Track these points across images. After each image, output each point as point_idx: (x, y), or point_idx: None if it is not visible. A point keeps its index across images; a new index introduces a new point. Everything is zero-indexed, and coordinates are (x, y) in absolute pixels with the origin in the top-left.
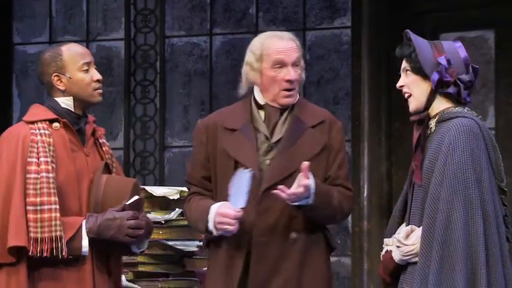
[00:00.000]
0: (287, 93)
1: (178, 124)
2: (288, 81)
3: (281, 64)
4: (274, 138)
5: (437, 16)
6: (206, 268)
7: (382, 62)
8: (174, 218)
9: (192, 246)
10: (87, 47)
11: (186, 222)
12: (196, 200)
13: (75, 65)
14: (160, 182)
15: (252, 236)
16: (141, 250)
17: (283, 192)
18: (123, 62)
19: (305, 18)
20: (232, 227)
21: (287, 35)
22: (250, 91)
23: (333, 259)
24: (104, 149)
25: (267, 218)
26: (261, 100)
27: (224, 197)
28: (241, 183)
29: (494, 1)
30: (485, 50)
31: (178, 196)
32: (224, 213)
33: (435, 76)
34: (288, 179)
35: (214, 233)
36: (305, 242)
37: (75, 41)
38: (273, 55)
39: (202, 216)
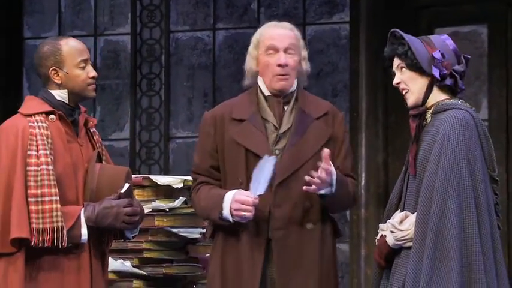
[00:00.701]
0: (279, 77)
1: (182, 115)
2: (279, 65)
3: (273, 49)
4: (283, 129)
5: (432, 11)
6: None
7: (379, 56)
8: (178, 206)
9: (195, 233)
10: (95, 41)
11: (189, 210)
12: (206, 189)
13: (73, 61)
14: (165, 172)
15: (270, 228)
16: (133, 235)
17: (311, 180)
18: (129, 56)
19: (305, 13)
20: (250, 213)
21: (285, 24)
22: (255, 82)
23: None
24: (95, 138)
25: (282, 209)
26: (266, 91)
27: (234, 186)
28: (263, 170)
29: None
30: (479, 44)
31: (182, 185)
32: (242, 200)
33: (435, 70)
34: (299, 171)
35: (230, 219)
36: (321, 232)
37: (83, 36)
38: (266, 41)
39: (216, 204)
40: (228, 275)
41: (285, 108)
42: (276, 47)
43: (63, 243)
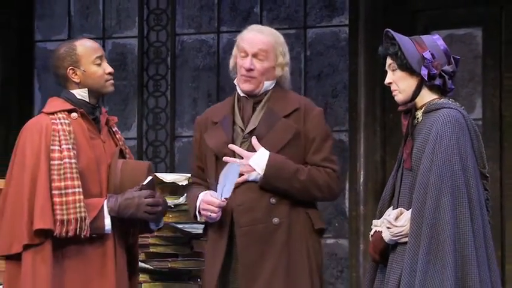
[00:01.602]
0: (244, 78)
1: (187, 115)
2: (244, 68)
3: (244, 53)
4: (248, 129)
5: (428, 15)
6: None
7: (378, 58)
8: (182, 202)
9: (199, 228)
10: (103, 44)
11: None
12: (192, 189)
13: (89, 59)
14: (171, 169)
15: (235, 226)
16: (158, 227)
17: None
18: (136, 58)
19: (306, 16)
20: (215, 215)
21: (265, 29)
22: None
23: (331, 241)
24: (117, 136)
25: (246, 207)
26: (240, 92)
27: (212, 187)
28: (229, 175)
29: (482, 1)
30: (473, 46)
31: (187, 182)
32: (209, 200)
33: (424, 71)
34: None
35: (198, 218)
36: (288, 226)
37: (91, 39)
38: (241, 43)
39: (192, 203)
40: (206, 269)
41: (256, 108)
42: (246, 51)
43: (86, 234)
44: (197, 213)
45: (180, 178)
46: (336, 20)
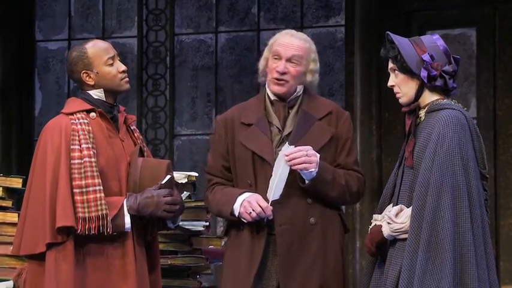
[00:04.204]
0: (275, 81)
1: (186, 114)
2: (277, 72)
3: (278, 56)
4: (286, 131)
5: (423, 15)
6: (212, 246)
7: (373, 58)
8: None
9: (199, 226)
10: None
11: (193, 204)
12: (221, 188)
13: (101, 60)
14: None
15: (275, 224)
16: (176, 225)
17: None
18: (136, 58)
19: (302, 17)
20: (255, 214)
21: (300, 35)
22: (263, 87)
23: None
24: (135, 135)
25: (284, 206)
26: (272, 96)
27: (243, 188)
28: (279, 175)
29: (476, 2)
30: (468, 46)
31: (186, 180)
32: (252, 203)
33: (424, 73)
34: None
35: (237, 215)
36: (323, 226)
37: (91, 38)
38: (275, 46)
39: (230, 201)
40: (231, 269)
41: (290, 111)
42: (280, 55)
43: (109, 230)
44: (236, 212)
45: (179, 176)
46: (332, 20)
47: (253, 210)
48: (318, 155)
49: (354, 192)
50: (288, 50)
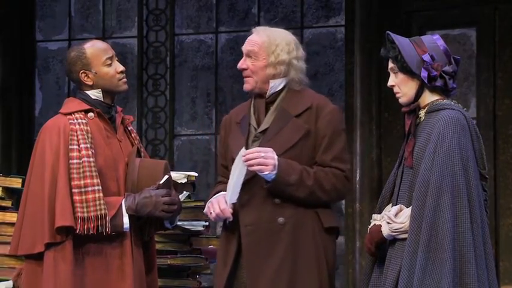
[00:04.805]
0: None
1: (186, 114)
2: (238, 68)
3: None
4: (260, 129)
5: (423, 15)
6: (211, 246)
7: (373, 58)
8: (182, 200)
9: (198, 226)
10: None
11: (193, 204)
12: (216, 187)
13: (99, 61)
14: (170, 168)
15: (240, 225)
16: (173, 225)
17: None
18: (136, 58)
19: (303, 17)
20: (214, 215)
21: (263, 30)
22: None
23: None
24: (132, 135)
25: (250, 207)
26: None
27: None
28: (236, 177)
29: (476, 2)
30: (468, 46)
31: (186, 180)
32: (213, 202)
33: (424, 73)
34: None
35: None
36: (294, 225)
37: (91, 39)
38: None
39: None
40: (217, 265)
41: (270, 108)
42: (243, 51)
43: (108, 230)
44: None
45: (179, 176)
46: (332, 20)
47: (213, 211)
48: (276, 157)
49: (329, 190)
50: (246, 46)
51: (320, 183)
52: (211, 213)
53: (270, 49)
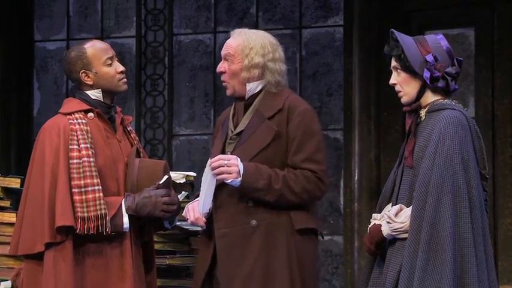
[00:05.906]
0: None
1: (184, 114)
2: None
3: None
4: (235, 132)
5: (422, 15)
6: None
7: (372, 57)
8: (181, 200)
9: (197, 226)
10: None
11: None
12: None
13: (100, 61)
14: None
15: (214, 228)
16: (172, 226)
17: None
18: (134, 58)
19: (301, 17)
20: (191, 219)
21: (239, 33)
22: None
23: (326, 238)
24: (132, 135)
25: (224, 210)
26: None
27: None
28: (207, 186)
29: (475, 2)
30: (466, 46)
31: (185, 180)
32: (189, 209)
33: (427, 73)
34: None
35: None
36: (267, 227)
37: (90, 38)
38: None
39: None
40: (196, 268)
41: (247, 110)
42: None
43: (108, 230)
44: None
45: (177, 176)
46: (331, 20)
47: (189, 217)
48: (240, 164)
49: (299, 192)
50: (223, 49)
51: (289, 186)
52: (188, 218)
53: (244, 52)
